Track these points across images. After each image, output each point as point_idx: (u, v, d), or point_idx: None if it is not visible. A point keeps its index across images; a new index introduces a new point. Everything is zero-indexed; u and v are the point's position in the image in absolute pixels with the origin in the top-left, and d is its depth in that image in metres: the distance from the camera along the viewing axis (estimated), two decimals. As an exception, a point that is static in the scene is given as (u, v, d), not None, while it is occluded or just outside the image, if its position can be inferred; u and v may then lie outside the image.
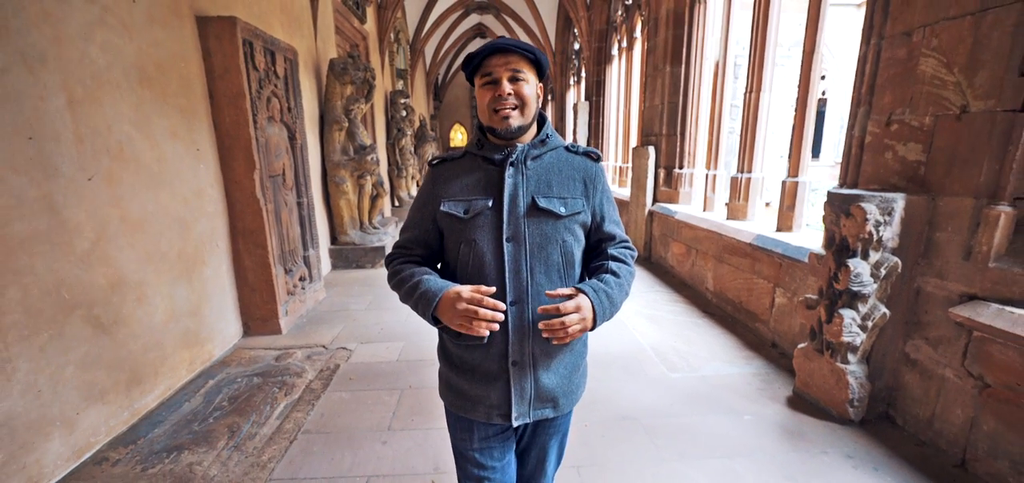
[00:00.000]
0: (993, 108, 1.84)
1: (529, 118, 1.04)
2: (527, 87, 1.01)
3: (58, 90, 2.01)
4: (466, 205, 1.04)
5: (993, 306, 1.84)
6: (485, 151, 1.07)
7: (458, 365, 1.10)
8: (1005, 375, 1.81)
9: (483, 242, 1.02)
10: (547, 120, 1.11)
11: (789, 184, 3.46)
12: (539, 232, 1.02)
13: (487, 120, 1.03)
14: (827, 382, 2.35)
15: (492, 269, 1.02)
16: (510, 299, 1.01)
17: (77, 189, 2.10)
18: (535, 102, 1.04)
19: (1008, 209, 1.83)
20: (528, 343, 1.03)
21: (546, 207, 1.02)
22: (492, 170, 1.05)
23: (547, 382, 1.07)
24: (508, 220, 1.01)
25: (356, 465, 2.05)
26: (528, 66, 1.02)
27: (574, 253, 1.06)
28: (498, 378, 1.05)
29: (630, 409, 2.45)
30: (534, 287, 1.02)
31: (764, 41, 3.77)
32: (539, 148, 1.06)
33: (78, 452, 2.07)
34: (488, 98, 1.01)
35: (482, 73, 1.02)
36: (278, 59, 3.63)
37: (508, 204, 1.01)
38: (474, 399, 1.08)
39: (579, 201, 1.06)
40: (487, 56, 1.00)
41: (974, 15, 1.88)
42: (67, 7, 2.06)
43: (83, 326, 2.12)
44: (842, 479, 1.93)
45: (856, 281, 2.12)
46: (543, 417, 1.10)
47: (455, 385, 1.12)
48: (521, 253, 1.01)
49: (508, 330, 1.02)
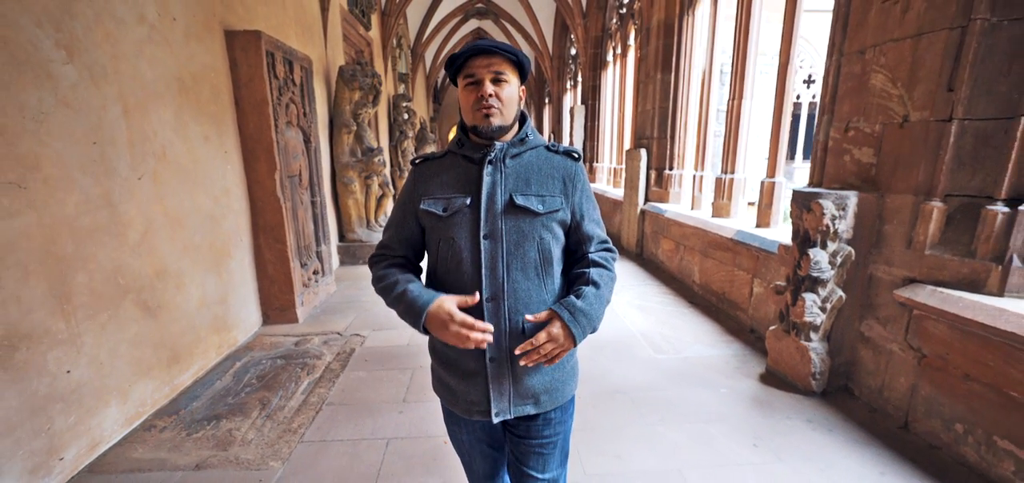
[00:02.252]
0: (928, 118, 2.14)
1: (510, 118, 1.06)
2: (508, 88, 1.03)
3: (115, 100, 2.28)
4: (445, 203, 1.06)
5: (928, 287, 2.14)
6: (465, 149, 1.09)
7: (443, 360, 1.14)
8: (937, 346, 2.11)
9: (461, 239, 1.03)
10: (528, 119, 1.13)
11: (767, 184, 3.76)
12: (516, 229, 1.03)
13: (470, 120, 1.05)
14: (793, 358, 2.65)
15: (469, 266, 1.03)
16: (486, 295, 1.02)
17: (129, 187, 2.38)
18: (516, 103, 1.07)
19: (940, 204, 2.13)
20: (504, 340, 1.04)
21: (524, 204, 1.03)
22: (471, 168, 1.07)
23: (526, 378, 1.07)
24: (486, 217, 1.02)
25: (377, 430, 2.33)
26: (510, 68, 1.04)
27: (552, 251, 1.07)
28: (477, 374, 1.07)
29: (619, 385, 2.74)
30: (511, 284, 1.03)
31: (745, 53, 4.08)
32: (518, 147, 1.08)
33: (130, 419, 2.35)
34: (472, 99, 1.03)
35: (465, 74, 1.03)
36: (295, 68, 3.91)
37: (486, 201, 1.03)
38: (457, 394, 1.11)
39: (558, 199, 1.06)
40: (470, 57, 1.01)
41: (913, 38, 2.19)
42: (124, 28, 2.34)
43: (134, 309, 2.39)
44: (800, 438, 2.23)
45: (816, 268, 2.42)
46: (524, 413, 1.10)
47: (443, 379, 1.15)
48: (498, 250, 1.02)
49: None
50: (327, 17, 5.37)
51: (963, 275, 2.06)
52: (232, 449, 2.20)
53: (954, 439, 2.04)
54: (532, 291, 1.04)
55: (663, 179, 5.65)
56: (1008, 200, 1.94)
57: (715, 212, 4.55)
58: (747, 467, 2.04)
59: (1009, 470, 1.83)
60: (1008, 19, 1.88)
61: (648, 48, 5.58)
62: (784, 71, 3.55)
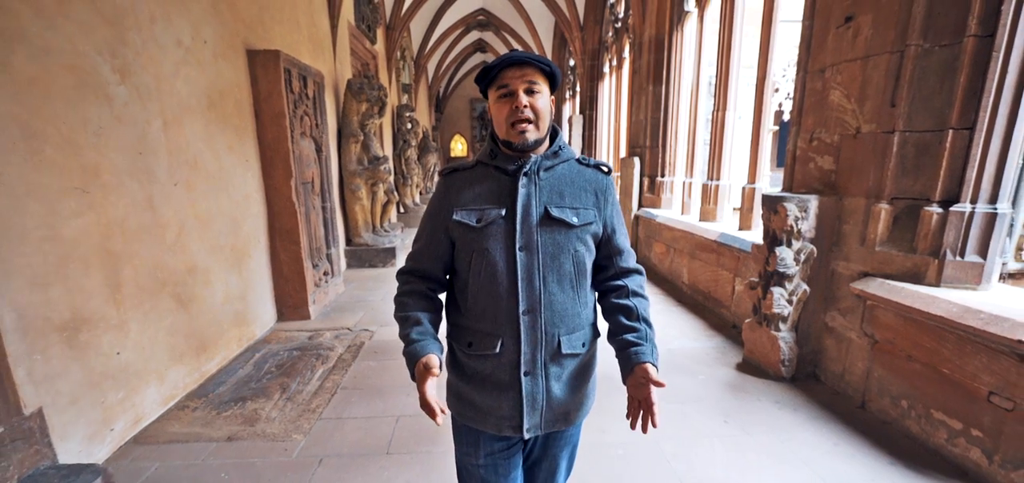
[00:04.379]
0: (876, 130, 2.42)
1: (544, 131, 1.05)
2: (541, 99, 1.02)
3: (157, 115, 2.58)
4: (478, 214, 1.04)
5: (878, 279, 2.41)
6: (498, 161, 1.07)
7: (469, 375, 1.09)
8: (886, 332, 2.37)
9: (495, 251, 1.02)
10: (560, 133, 1.12)
11: (748, 189, 4.04)
12: (552, 241, 1.03)
13: (504, 134, 1.04)
14: (765, 347, 2.90)
15: (505, 278, 1.02)
16: (523, 308, 1.01)
17: (167, 192, 2.66)
18: (549, 114, 1.06)
19: (888, 206, 2.40)
20: (540, 353, 1.03)
21: (559, 217, 1.03)
22: (505, 180, 1.06)
23: (558, 393, 1.06)
24: (521, 229, 1.02)
25: (387, 409, 2.60)
26: (542, 78, 1.03)
27: (586, 263, 1.07)
28: (510, 388, 1.04)
29: (606, 372, 2.94)
30: (547, 296, 1.02)
31: (728, 67, 4.37)
32: (552, 159, 1.07)
33: (165, 400, 2.61)
34: (506, 112, 1.02)
35: (498, 85, 1.02)
36: (309, 82, 4.22)
37: (521, 213, 1.02)
38: (485, 410, 1.07)
39: (591, 212, 1.07)
40: (504, 68, 1.01)
41: (862, 59, 2.47)
42: (164, 52, 2.64)
43: (170, 301, 2.67)
44: (767, 416, 2.48)
45: (782, 264, 2.69)
46: (554, 430, 1.09)
47: (466, 396, 1.10)
48: (534, 262, 1.02)
49: (520, 340, 1.02)
50: (336, 33, 5.70)
51: (907, 268, 2.33)
52: (258, 425, 2.47)
53: (901, 414, 2.30)
54: (567, 303, 1.04)
55: (655, 186, 5.93)
56: (941, 202, 2.21)
57: (702, 216, 4.83)
58: (716, 439, 2.30)
59: (943, 438, 2.08)
60: (938, 45, 2.16)
61: (640, 61, 5.89)
62: (761, 85, 3.83)
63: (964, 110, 2.11)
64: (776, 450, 2.20)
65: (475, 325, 1.07)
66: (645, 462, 2.14)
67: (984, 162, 2.09)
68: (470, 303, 1.06)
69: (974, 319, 1.90)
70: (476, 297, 1.05)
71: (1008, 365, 1.81)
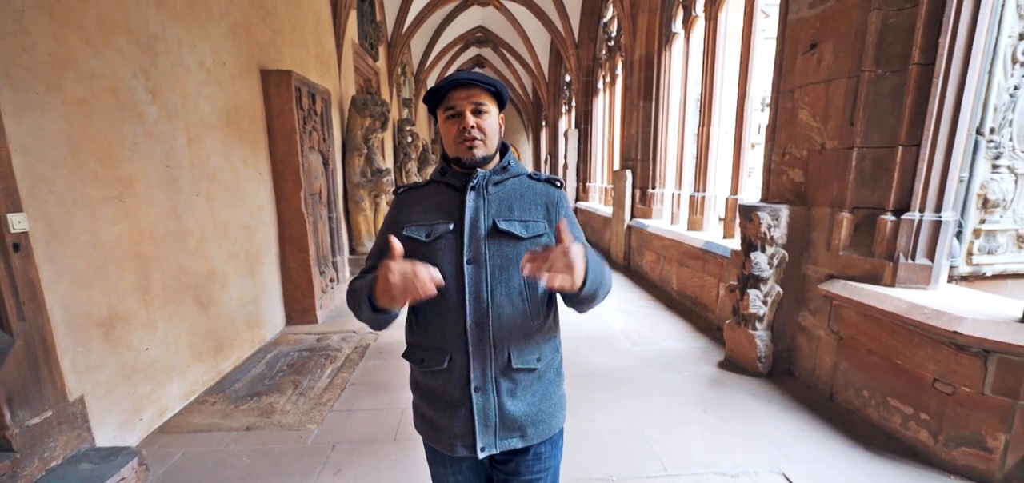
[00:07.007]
0: (838, 146, 2.67)
1: (492, 148, 1.06)
2: (489, 119, 1.04)
3: (182, 131, 2.81)
4: (428, 229, 1.05)
5: (842, 281, 2.64)
6: (448, 178, 1.09)
7: (424, 392, 1.10)
8: (849, 329, 2.60)
9: (444, 265, 1.01)
10: (509, 149, 1.13)
11: (731, 200, 4.29)
12: (500, 254, 1.02)
13: (453, 151, 1.05)
14: (744, 346, 3.12)
15: (453, 291, 1.01)
16: (470, 321, 1.01)
17: (190, 202, 2.89)
18: (497, 132, 1.07)
19: (849, 215, 2.64)
20: (490, 368, 1.02)
21: (507, 229, 1.03)
22: (454, 195, 1.07)
23: (513, 409, 1.04)
24: (469, 242, 1.02)
25: (393, 403, 2.80)
26: (489, 98, 1.04)
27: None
28: (461, 405, 1.03)
29: (596, 369, 3.21)
30: (495, 309, 1.01)
31: (712, 84, 4.65)
32: (500, 174, 1.09)
33: (186, 394, 2.81)
34: (454, 132, 1.03)
35: (445, 106, 1.03)
36: (317, 99, 4.47)
37: (469, 226, 1.03)
38: (440, 428, 1.06)
39: (541, 224, 1.06)
40: (450, 90, 1.02)
41: (825, 82, 2.73)
42: (190, 73, 2.88)
43: (191, 303, 2.88)
44: (743, 407, 2.70)
45: (756, 268, 2.92)
46: (510, 447, 1.06)
47: (425, 414, 1.10)
48: (482, 275, 1.01)
49: (469, 354, 1.01)
50: (341, 52, 5.98)
51: (867, 271, 2.56)
52: (274, 416, 2.67)
53: (863, 403, 2.52)
54: (517, 317, 1.03)
55: (647, 197, 6.18)
56: (895, 211, 2.45)
57: (690, 226, 5.07)
58: (696, 426, 2.51)
59: (897, 423, 2.31)
60: (889, 71, 2.42)
61: (632, 78, 6.18)
62: (742, 102, 4.10)
63: (912, 129, 2.36)
64: (748, 434, 2.41)
65: (426, 341, 1.07)
66: (630, 446, 2.35)
67: (929, 175, 2.33)
68: (421, 319, 1.08)
69: (919, 314, 2.13)
70: (426, 312, 1.05)
71: (947, 354, 2.04)
